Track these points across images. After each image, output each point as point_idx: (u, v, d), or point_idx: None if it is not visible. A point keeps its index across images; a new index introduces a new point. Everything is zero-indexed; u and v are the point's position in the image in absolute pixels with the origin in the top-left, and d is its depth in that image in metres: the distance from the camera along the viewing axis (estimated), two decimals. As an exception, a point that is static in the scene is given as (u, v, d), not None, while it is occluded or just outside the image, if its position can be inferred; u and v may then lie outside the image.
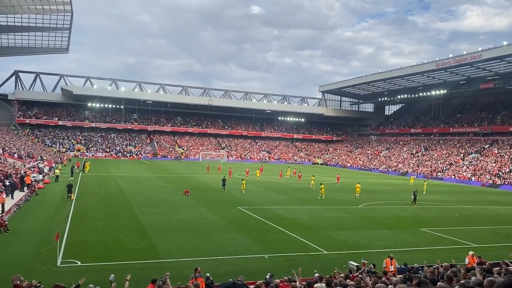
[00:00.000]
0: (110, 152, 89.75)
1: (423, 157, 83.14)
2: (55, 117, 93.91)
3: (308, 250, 19.58)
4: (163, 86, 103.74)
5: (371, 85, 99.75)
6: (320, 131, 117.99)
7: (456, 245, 21.58)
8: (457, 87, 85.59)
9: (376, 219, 28.32)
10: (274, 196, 37.99)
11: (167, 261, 16.88)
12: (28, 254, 17.17)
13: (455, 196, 45.13)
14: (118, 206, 29.08)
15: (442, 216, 31.13)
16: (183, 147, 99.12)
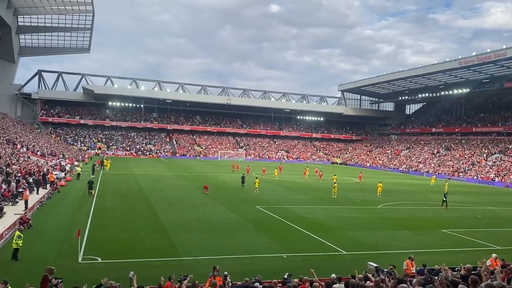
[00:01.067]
0: (130, 150, 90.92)
1: (444, 157, 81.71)
2: (77, 115, 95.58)
3: (326, 250, 19.46)
4: (182, 85, 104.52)
5: (392, 84, 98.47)
6: (339, 130, 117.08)
7: (478, 247, 21.12)
8: (480, 86, 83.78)
9: (396, 220, 27.97)
10: (292, 195, 37.87)
11: (186, 259, 17.00)
12: (50, 250, 17.51)
13: (477, 197, 44.22)
14: (138, 204, 29.43)
15: (464, 217, 30.54)
16: (202, 146, 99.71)
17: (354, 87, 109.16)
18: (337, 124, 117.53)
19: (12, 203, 26.09)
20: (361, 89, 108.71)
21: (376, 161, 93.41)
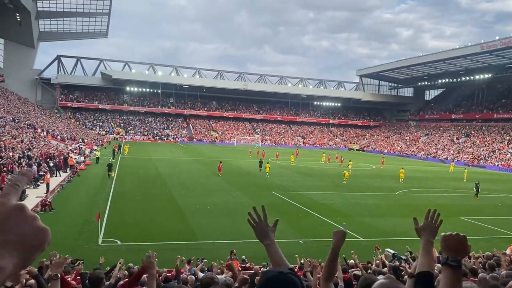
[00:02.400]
0: (148, 135, 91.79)
1: (464, 143, 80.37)
2: (95, 100, 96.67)
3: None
4: (199, 70, 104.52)
5: (411, 69, 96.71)
6: (357, 116, 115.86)
7: (498, 235, 20.85)
8: (503, 71, 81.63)
9: (413, 207, 27.72)
10: (309, 181, 37.82)
11: (203, 243, 17.21)
12: (71, 232, 17.92)
13: (498, 184, 43.47)
14: (156, 188, 29.79)
15: (483, 205, 30.09)
16: (218, 131, 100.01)
17: (373, 72, 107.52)
18: (354, 110, 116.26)
19: (34, 186, 26.68)
20: (379, 74, 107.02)
21: (394, 147, 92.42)
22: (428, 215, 2.65)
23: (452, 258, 1.98)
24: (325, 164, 55.47)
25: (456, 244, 2.05)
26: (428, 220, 2.63)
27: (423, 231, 2.62)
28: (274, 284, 1.71)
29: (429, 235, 2.58)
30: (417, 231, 2.63)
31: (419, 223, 2.64)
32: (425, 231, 2.60)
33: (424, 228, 2.61)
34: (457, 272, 1.98)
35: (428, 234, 2.58)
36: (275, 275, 1.74)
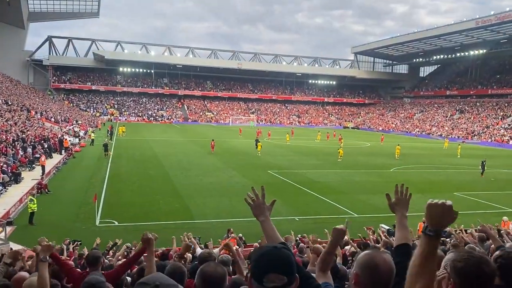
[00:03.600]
0: (142, 116, 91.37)
1: (458, 120, 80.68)
2: (89, 82, 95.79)
3: (338, 213, 19.65)
4: (192, 49, 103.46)
5: (406, 46, 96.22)
6: (352, 94, 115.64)
7: (492, 210, 21.16)
8: (498, 47, 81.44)
9: (408, 183, 27.35)
10: (304, 160, 37.96)
11: (200, 222, 17.37)
12: (68, 214, 18.01)
13: (491, 160, 43.65)
14: (152, 169, 29.83)
15: (477, 180, 30.42)
16: (213, 111, 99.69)
17: (368, 49, 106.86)
18: (349, 88, 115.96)
19: (29, 169, 26.65)
20: (374, 51, 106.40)
21: (389, 125, 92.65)
22: (397, 190, 2.72)
23: (430, 228, 1.96)
24: (320, 143, 55.61)
25: (441, 212, 1.98)
26: (398, 195, 2.68)
27: (396, 206, 2.70)
28: (268, 258, 1.78)
29: (402, 209, 2.66)
30: (391, 207, 2.70)
31: (391, 199, 2.70)
32: (398, 205, 2.67)
33: (396, 203, 2.68)
34: (434, 241, 1.96)
35: (401, 209, 2.66)
36: (269, 250, 1.81)
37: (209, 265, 2.54)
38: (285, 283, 1.72)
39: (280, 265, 1.75)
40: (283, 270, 1.74)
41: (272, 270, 1.73)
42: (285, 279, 1.72)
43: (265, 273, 1.73)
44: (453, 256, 2.41)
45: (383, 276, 2.09)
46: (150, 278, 1.67)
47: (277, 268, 1.74)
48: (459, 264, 2.22)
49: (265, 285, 1.72)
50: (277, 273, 1.72)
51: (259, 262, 1.79)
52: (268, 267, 1.74)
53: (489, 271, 2.21)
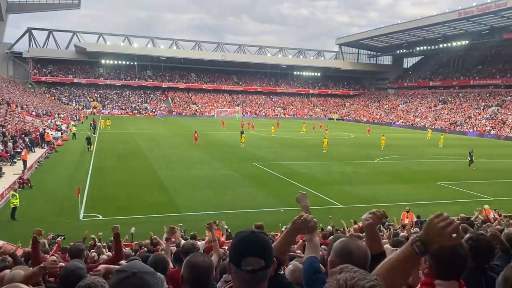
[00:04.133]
0: (126, 109, 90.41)
1: (441, 110, 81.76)
2: (70, 74, 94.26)
3: (323, 204, 19.79)
4: (176, 41, 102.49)
5: (389, 37, 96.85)
6: (336, 85, 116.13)
7: (473, 198, 21.54)
8: (480, 38, 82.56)
9: (392, 174, 28.30)
10: (289, 152, 38.08)
11: (186, 215, 17.32)
12: (51, 208, 17.77)
13: (473, 149, 44.54)
14: (137, 162, 29.60)
15: (459, 170, 30.92)
16: (198, 104, 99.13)
17: (352, 41, 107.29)
18: (334, 79, 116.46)
19: (11, 163, 26.19)
20: (358, 42, 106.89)
21: (373, 116, 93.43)
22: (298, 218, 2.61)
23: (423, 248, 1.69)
24: (305, 134, 55.83)
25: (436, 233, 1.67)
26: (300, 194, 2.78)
27: (299, 202, 2.82)
28: (246, 242, 1.81)
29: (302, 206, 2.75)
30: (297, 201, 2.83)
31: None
32: (300, 202, 2.80)
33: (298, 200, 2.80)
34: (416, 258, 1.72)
35: (302, 206, 2.76)
36: (247, 235, 1.84)
37: (196, 256, 2.52)
38: (263, 266, 1.75)
39: (258, 248, 1.78)
40: (261, 254, 1.77)
41: (250, 253, 1.76)
42: (263, 262, 1.75)
43: (243, 257, 1.75)
44: None
45: (358, 262, 2.12)
46: (128, 265, 1.67)
47: (255, 251, 1.77)
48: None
49: (243, 268, 1.74)
50: (254, 256, 1.75)
51: (237, 247, 1.82)
52: (246, 251, 1.77)
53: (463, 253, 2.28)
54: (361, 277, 1.33)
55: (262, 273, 1.77)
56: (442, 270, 2.24)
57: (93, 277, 2.41)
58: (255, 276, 1.75)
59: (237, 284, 1.82)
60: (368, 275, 1.36)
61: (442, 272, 2.24)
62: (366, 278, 1.33)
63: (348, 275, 1.34)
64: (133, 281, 1.56)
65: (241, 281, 1.79)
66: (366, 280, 1.32)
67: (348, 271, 1.38)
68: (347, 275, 1.34)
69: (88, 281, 2.29)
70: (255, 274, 1.75)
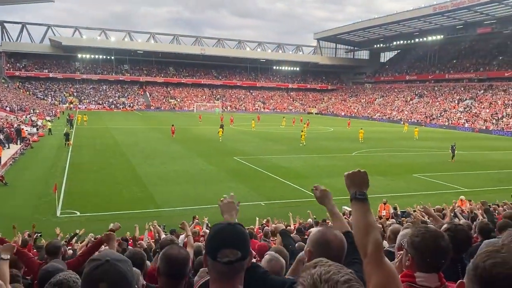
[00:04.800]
0: (103, 104, 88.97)
1: (417, 104, 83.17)
2: (45, 69, 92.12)
3: (303, 197, 19.96)
4: (154, 35, 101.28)
5: (367, 31, 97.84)
6: (315, 80, 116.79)
7: (449, 190, 22.05)
8: (454, 33, 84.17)
9: (369, 166, 28.64)
10: (270, 146, 38.20)
11: (165, 210, 17.22)
12: (27, 205, 17.42)
13: (448, 142, 45.43)
14: (114, 158, 29.23)
15: (434, 162, 31.57)
16: (177, 98, 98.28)
17: (330, 35, 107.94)
18: (313, 74, 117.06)
19: (-16, 160, 25.49)
20: (336, 37, 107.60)
21: (351, 110, 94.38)
22: (316, 188, 2.83)
23: (359, 192, 2.16)
24: (285, 128, 56.04)
25: (360, 179, 2.23)
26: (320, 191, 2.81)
27: (322, 199, 2.81)
28: (222, 234, 1.81)
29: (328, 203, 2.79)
30: (318, 201, 2.83)
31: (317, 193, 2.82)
32: (324, 199, 2.79)
33: (321, 197, 2.79)
34: (366, 204, 2.14)
35: (328, 203, 2.79)
36: (223, 226, 1.84)
37: (172, 248, 2.52)
38: (239, 257, 1.75)
39: (234, 240, 1.78)
40: (237, 245, 1.76)
41: (226, 245, 1.75)
42: (239, 253, 1.75)
43: (219, 248, 1.74)
44: (410, 231, 2.50)
45: (335, 251, 2.17)
46: (101, 254, 1.66)
47: (231, 243, 1.76)
48: (416, 239, 2.31)
49: (219, 260, 1.73)
50: (231, 248, 1.74)
51: (213, 239, 1.81)
52: (222, 242, 1.76)
53: (445, 245, 2.32)
54: (336, 271, 1.32)
55: (238, 265, 1.76)
56: (423, 262, 2.26)
57: (65, 273, 2.36)
58: (231, 267, 1.75)
59: (213, 276, 1.81)
60: (344, 269, 1.36)
61: (423, 265, 2.26)
62: (341, 271, 1.33)
63: (323, 269, 1.32)
64: (106, 268, 1.55)
65: (217, 273, 1.78)
66: (341, 274, 1.31)
67: (323, 265, 1.38)
68: (321, 269, 1.33)
69: (61, 277, 2.25)
70: (232, 265, 1.74)
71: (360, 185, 2.20)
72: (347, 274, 1.32)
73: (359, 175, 2.25)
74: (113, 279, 1.54)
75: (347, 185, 2.24)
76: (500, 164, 31.23)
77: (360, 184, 2.21)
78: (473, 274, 1.46)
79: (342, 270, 1.34)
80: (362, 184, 2.21)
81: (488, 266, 1.42)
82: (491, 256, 1.46)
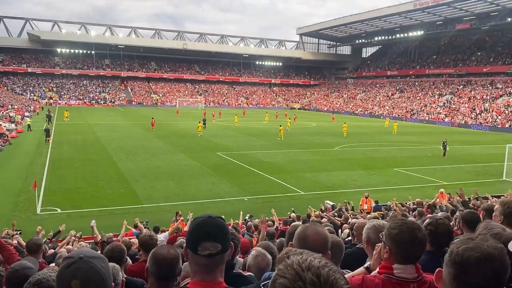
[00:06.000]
0: (84, 99, 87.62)
1: (398, 99, 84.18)
2: (24, 64, 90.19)
3: (286, 191, 20.07)
4: (135, 29, 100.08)
5: (349, 27, 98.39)
6: (298, 75, 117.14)
7: (429, 183, 22.43)
8: (434, 28, 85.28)
9: (351, 161, 29.00)
10: (253, 141, 38.22)
11: (147, 206, 17.11)
12: (6, 203, 17.10)
13: (428, 136, 46.29)
14: (96, 154, 28.86)
15: (415, 156, 32.05)
16: (159, 93, 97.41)
17: (312, 31, 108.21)
18: (295, 69, 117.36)
19: (-40, 157, 24.92)
20: (319, 32, 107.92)
21: (333, 105, 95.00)
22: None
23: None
24: (268, 124, 56.11)
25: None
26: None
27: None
28: (202, 227, 1.80)
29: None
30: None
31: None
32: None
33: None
34: None
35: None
36: (203, 220, 1.84)
37: (162, 248, 2.51)
38: (219, 250, 1.75)
39: (214, 233, 1.78)
40: (217, 238, 1.77)
41: (207, 238, 1.75)
42: (219, 246, 1.75)
43: (199, 241, 1.75)
44: (388, 224, 2.56)
45: (312, 246, 2.19)
46: (74, 252, 1.65)
47: (211, 236, 1.76)
48: (394, 231, 2.36)
49: (200, 253, 1.74)
50: (211, 241, 1.75)
51: (194, 232, 1.81)
52: (202, 235, 1.76)
53: (422, 236, 2.37)
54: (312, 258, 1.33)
55: (219, 257, 1.77)
56: (400, 254, 2.30)
57: (44, 271, 2.32)
58: (212, 260, 1.75)
59: (194, 269, 1.81)
60: (314, 254, 1.35)
61: (401, 256, 2.30)
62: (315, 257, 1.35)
63: (299, 258, 1.31)
64: (79, 266, 1.54)
65: (198, 265, 1.78)
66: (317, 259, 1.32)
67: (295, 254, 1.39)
68: (297, 258, 1.32)
69: (39, 276, 2.21)
70: (212, 258, 1.75)
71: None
72: (320, 258, 1.33)
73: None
74: (86, 276, 1.53)
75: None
76: (478, 158, 31.91)
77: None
78: (448, 259, 1.58)
79: (315, 255, 1.34)
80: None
81: (460, 251, 1.55)
82: (464, 243, 1.58)
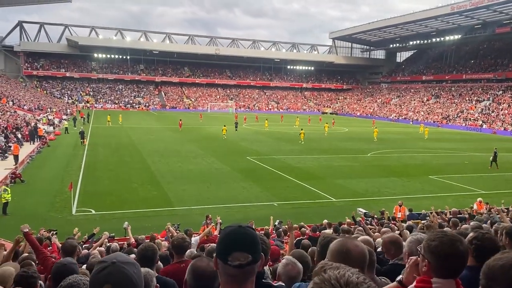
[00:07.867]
0: (119, 103, 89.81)
1: (434, 104, 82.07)
2: (62, 68, 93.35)
3: (317, 198, 19.84)
4: (169, 35, 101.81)
5: (382, 31, 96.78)
6: (330, 79, 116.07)
7: (465, 192, 21.68)
8: (472, 32, 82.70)
9: (385, 167, 28.41)
10: (283, 146, 38.08)
11: (179, 209, 17.28)
12: (43, 203, 17.64)
13: (465, 143, 44.88)
14: (130, 157, 29.45)
15: (451, 163, 31.07)
16: (191, 98, 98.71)
17: (345, 35, 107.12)
18: (327, 73, 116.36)
19: (2, 158, 25.97)
20: (352, 36, 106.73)
21: (366, 110, 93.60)
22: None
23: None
24: (298, 129, 55.72)
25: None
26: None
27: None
28: (233, 237, 1.76)
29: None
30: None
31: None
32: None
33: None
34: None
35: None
36: (234, 229, 1.79)
37: (201, 260, 2.44)
38: (250, 260, 1.71)
39: (245, 243, 1.74)
40: (248, 248, 1.73)
41: (237, 248, 1.72)
42: (250, 257, 1.71)
43: (230, 251, 1.71)
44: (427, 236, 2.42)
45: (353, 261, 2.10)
46: (108, 256, 1.65)
47: (242, 246, 1.73)
48: (433, 243, 2.23)
49: (230, 263, 1.70)
50: (241, 251, 1.71)
51: (224, 242, 1.77)
52: (233, 245, 1.73)
53: (463, 249, 2.23)
54: (350, 273, 1.29)
55: (249, 268, 1.73)
56: (440, 267, 2.18)
57: (75, 276, 2.35)
58: (242, 271, 1.71)
59: (223, 279, 1.77)
60: (351, 269, 1.31)
61: (441, 270, 2.18)
62: (354, 272, 1.29)
63: (336, 273, 1.27)
64: (112, 270, 1.55)
65: (228, 276, 1.74)
66: (355, 275, 1.28)
67: (332, 268, 1.34)
68: (335, 272, 1.28)
69: (70, 280, 2.24)
70: (242, 269, 1.70)
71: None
72: (358, 273, 1.29)
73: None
74: (118, 281, 1.53)
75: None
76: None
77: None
78: (487, 273, 1.61)
79: (352, 271, 1.30)
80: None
81: (490, 262, 1.73)
82: (497, 255, 1.73)
